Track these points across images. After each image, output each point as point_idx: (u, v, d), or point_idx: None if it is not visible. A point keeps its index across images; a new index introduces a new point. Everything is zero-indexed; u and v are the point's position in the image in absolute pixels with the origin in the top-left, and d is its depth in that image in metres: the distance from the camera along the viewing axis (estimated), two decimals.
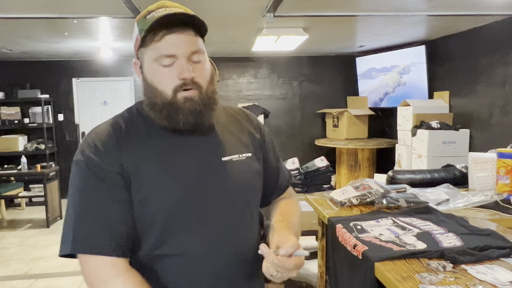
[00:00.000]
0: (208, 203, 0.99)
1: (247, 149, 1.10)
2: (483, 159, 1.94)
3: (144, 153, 0.98)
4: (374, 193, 1.76)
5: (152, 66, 0.97)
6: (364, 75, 6.48)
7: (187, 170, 0.99)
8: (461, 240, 1.26)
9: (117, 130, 1.00)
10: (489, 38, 4.29)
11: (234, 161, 1.05)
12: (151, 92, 0.99)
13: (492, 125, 4.33)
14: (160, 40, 0.95)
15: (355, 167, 6.05)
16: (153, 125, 1.02)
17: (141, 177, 0.96)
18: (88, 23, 3.97)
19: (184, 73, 0.96)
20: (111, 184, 0.95)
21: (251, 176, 1.08)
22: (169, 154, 0.99)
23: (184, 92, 0.97)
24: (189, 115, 0.97)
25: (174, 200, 0.96)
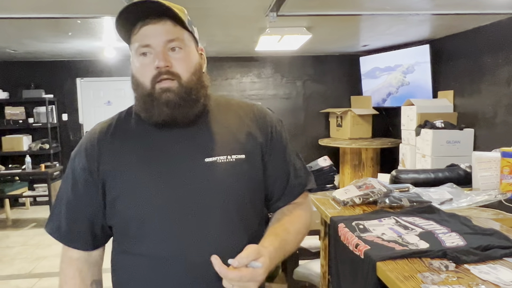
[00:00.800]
0: (182, 206, 0.94)
1: (241, 151, 1.00)
2: (487, 159, 1.92)
3: (124, 153, 0.99)
4: (377, 193, 1.75)
5: (134, 58, 0.99)
6: (367, 74, 6.46)
7: (164, 170, 0.96)
8: (464, 240, 1.25)
9: (104, 130, 1.04)
10: (494, 37, 4.27)
11: (219, 163, 0.97)
12: (135, 84, 1.00)
13: (497, 125, 4.30)
14: (137, 33, 0.96)
15: (359, 167, 6.03)
16: (140, 121, 1.02)
17: (116, 178, 0.98)
18: (91, 23, 3.98)
19: (158, 62, 0.94)
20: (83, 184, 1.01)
21: (238, 180, 0.98)
22: (148, 153, 0.98)
23: (161, 82, 0.95)
24: (164, 106, 0.94)
25: (146, 201, 0.95)
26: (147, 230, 0.95)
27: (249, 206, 1.01)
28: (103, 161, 0.99)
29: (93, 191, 1.00)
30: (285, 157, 1.08)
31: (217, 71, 6.59)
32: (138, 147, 0.99)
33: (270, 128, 1.07)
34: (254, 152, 1.02)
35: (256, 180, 1.03)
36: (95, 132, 1.04)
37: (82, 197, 1.01)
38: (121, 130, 1.03)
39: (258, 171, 1.03)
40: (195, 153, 0.97)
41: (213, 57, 6.43)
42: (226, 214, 0.97)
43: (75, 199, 1.02)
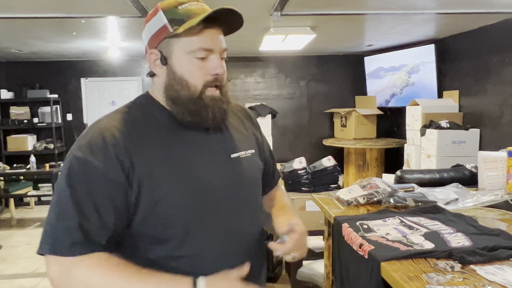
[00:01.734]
0: (221, 202, 0.99)
1: (251, 146, 1.12)
2: (493, 158, 1.90)
3: (156, 154, 0.94)
4: (381, 192, 1.73)
5: (184, 58, 0.95)
6: (372, 74, 6.43)
7: (199, 169, 0.97)
8: (470, 240, 1.23)
9: (125, 128, 0.94)
10: (500, 36, 4.23)
11: (242, 158, 1.05)
12: (180, 85, 0.96)
13: (503, 125, 4.26)
14: (200, 33, 0.94)
15: (363, 167, 6.00)
16: (166, 120, 0.99)
17: (155, 180, 0.91)
18: (96, 22, 3.99)
19: (218, 69, 0.96)
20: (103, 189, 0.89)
21: (256, 171, 1.11)
22: (181, 153, 0.97)
23: (212, 89, 0.97)
24: (217, 113, 0.98)
25: (188, 202, 0.94)
26: (192, 230, 0.95)
27: (260, 191, 1.15)
28: (135, 162, 0.91)
29: (119, 197, 0.89)
30: (269, 150, 1.26)
31: None
32: (170, 147, 0.96)
33: (258, 126, 1.23)
34: (258, 148, 1.15)
35: (262, 169, 1.15)
36: (111, 129, 0.93)
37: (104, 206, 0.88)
38: (145, 129, 0.97)
39: (262, 163, 1.16)
40: (222, 151, 1.03)
41: None
42: (255, 201, 1.09)
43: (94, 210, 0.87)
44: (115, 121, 0.97)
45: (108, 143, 0.91)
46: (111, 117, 0.99)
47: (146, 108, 1.01)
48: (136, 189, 0.90)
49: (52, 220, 0.88)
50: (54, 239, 0.86)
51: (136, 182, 0.90)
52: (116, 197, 0.89)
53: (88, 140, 0.92)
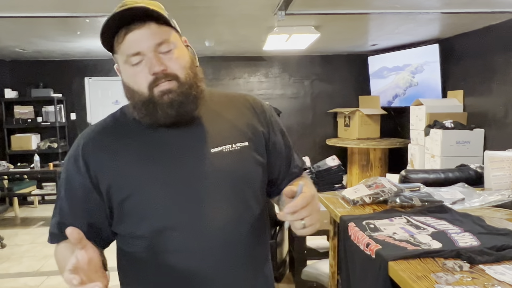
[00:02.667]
0: (194, 196, 0.96)
1: (244, 138, 1.03)
2: (500, 158, 1.89)
3: (126, 153, 0.98)
4: (387, 192, 1.72)
5: (125, 68, 0.96)
6: (375, 74, 6.42)
7: (171, 165, 0.97)
8: (478, 240, 1.22)
9: (101, 132, 1.02)
10: (505, 35, 4.21)
11: (225, 152, 0.99)
12: (130, 93, 0.97)
13: (507, 125, 4.24)
14: (123, 41, 0.93)
15: (367, 167, 5.99)
16: (137, 125, 1.00)
17: (122, 179, 0.96)
18: (100, 22, 3.99)
19: (153, 68, 0.92)
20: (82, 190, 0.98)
21: (246, 166, 1.02)
22: (151, 152, 0.98)
23: (160, 86, 0.93)
24: (168, 108, 0.94)
25: (158, 198, 0.95)
26: (164, 226, 0.96)
27: (254, 186, 1.04)
28: (105, 165, 0.97)
29: (94, 197, 0.98)
30: (285, 142, 1.14)
31: (224, 70, 6.58)
32: (141, 146, 0.99)
33: (269, 118, 1.11)
34: (256, 140, 1.05)
35: (261, 164, 1.06)
36: (90, 134, 1.02)
37: (81, 203, 0.99)
38: (121, 131, 1.01)
39: (263, 156, 1.06)
40: (200, 146, 0.99)
41: (220, 56, 6.42)
42: (239, 194, 1.00)
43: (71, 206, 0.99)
44: (93, 131, 1.04)
45: (80, 151, 1.00)
46: (94, 125, 1.06)
47: (122, 115, 1.05)
48: (105, 191, 0.97)
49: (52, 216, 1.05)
50: (49, 230, 1.04)
51: (105, 185, 0.97)
52: (87, 200, 0.98)
53: (70, 153, 1.03)
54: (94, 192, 0.97)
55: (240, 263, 1.00)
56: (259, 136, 1.06)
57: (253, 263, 1.04)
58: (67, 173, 1.00)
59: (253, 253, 1.04)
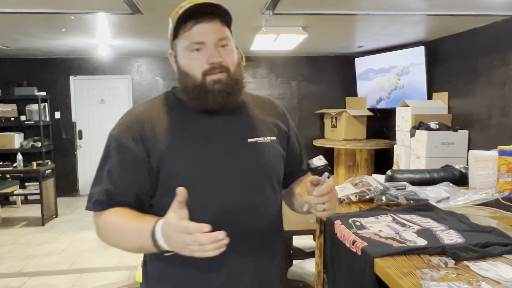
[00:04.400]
0: (232, 182, 1.07)
1: (272, 134, 1.17)
2: (484, 157, 1.91)
3: (175, 135, 1.08)
4: (373, 190, 1.73)
5: (184, 53, 1.08)
6: (361, 76, 6.46)
7: (214, 150, 1.08)
8: (463, 237, 1.23)
9: (151, 113, 1.11)
10: (489, 38, 4.28)
11: (259, 143, 1.13)
12: (184, 77, 1.09)
13: (491, 126, 4.31)
14: (190, 30, 1.06)
15: (353, 168, 6.02)
16: (186, 107, 1.11)
17: (170, 156, 1.05)
18: (85, 19, 3.94)
19: (212, 58, 1.05)
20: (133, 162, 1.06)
21: (274, 158, 1.16)
22: (197, 135, 1.09)
23: (213, 75, 1.06)
24: (218, 96, 1.06)
25: (200, 177, 1.06)
26: (204, 203, 1.05)
27: (279, 177, 1.20)
28: (157, 142, 1.06)
29: (145, 168, 1.05)
30: (298, 143, 1.30)
31: None
32: (188, 130, 1.09)
33: (289, 121, 1.28)
34: (281, 136, 1.20)
35: (283, 157, 1.20)
36: (145, 108, 1.12)
37: (132, 173, 1.06)
38: (172, 110, 1.12)
39: (285, 151, 1.21)
40: (238, 135, 1.12)
41: None
42: (268, 185, 1.14)
43: (123, 174, 1.05)
44: (144, 107, 1.14)
45: (135, 125, 1.08)
46: (142, 105, 1.16)
47: (170, 99, 1.16)
48: (156, 165, 1.05)
49: (93, 184, 1.10)
50: (90, 198, 1.08)
51: (156, 159, 1.05)
52: (139, 171, 1.06)
53: (121, 122, 1.11)
54: (146, 163, 1.05)
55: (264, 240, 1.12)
56: (283, 133, 1.21)
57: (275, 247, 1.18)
58: (118, 142, 1.07)
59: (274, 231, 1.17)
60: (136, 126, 1.07)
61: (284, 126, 1.23)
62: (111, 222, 1.04)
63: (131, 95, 6.72)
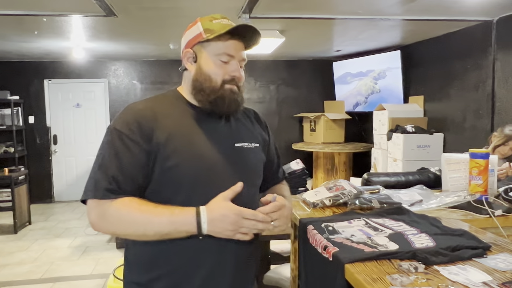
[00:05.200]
0: (220, 178, 1.19)
1: (256, 141, 1.31)
2: (456, 160, 1.92)
3: (175, 130, 1.17)
4: (347, 194, 1.72)
5: (211, 58, 1.20)
6: (339, 80, 6.51)
7: (206, 149, 1.19)
8: (434, 241, 1.22)
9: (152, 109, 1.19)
10: (463, 43, 4.36)
11: (245, 148, 1.27)
12: (204, 78, 1.20)
13: (465, 129, 4.38)
14: (226, 41, 1.19)
15: (332, 171, 6.05)
16: (187, 107, 1.24)
17: (170, 149, 1.14)
18: (58, 21, 3.85)
19: (236, 72, 1.21)
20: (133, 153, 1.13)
21: (257, 162, 1.31)
22: (193, 134, 1.20)
23: (231, 85, 1.21)
24: (232, 103, 1.22)
25: (192, 174, 1.16)
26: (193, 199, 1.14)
27: (260, 180, 1.34)
28: (156, 135, 1.14)
29: (145, 159, 1.13)
30: (277, 152, 1.46)
31: None
32: (187, 127, 1.20)
33: (269, 130, 1.43)
34: (262, 144, 1.35)
35: (263, 163, 1.35)
36: (147, 104, 1.21)
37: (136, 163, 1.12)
38: (173, 108, 1.22)
39: (264, 158, 1.36)
40: (228, 139, 1.25)
41: None
42: (251, 182, 1.26)
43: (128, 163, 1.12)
44: (144, 103, 1.23)
45: (137, 118, 1.16)
46: (142, 101, 1.24)
47: (172, 97, 1.26)
48: (154, 155, 1.14)
49: (95, 173, 1.13)
50: (95, 187, 1.11)
51: (155, 150, 1.14)
52: (142, 159, 1.13)
53: (122, 116, 1.18)
54: (147, 155, 1.13)
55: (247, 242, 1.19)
56: (265, 141, 1.37)
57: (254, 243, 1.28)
58: (122, 133, 1.13)
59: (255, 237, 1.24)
60: (139, 118, 1.15)
61: (266, 136, 1.38)
62: (132, 209, 1.10)
63: (107, 99, 6.61)
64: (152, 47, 5.43)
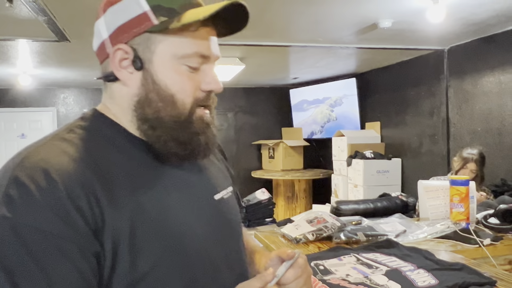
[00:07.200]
0: (214, 260, 0.72)
1: (229, 182, 0.86)
2: (435, 187, 1.90)
3: (131, 201, 0.63)
4: (330, 227, 1.63)
5: (171, 63, 0.67)
6: (296, 107, 6.55)
7: (186, 221, 0.70)
8: (435, 277, 1.15)
9: (83, 160, 0.62)
10: (416, 71, 4.51)
11: (225, 198, 0.80)
12: (163, 100, 0.67)
13: (422, 154, 4.48)
14: (195, 32, 0.67)
15: (292, 199, 5.98)
16: (135, 151, 0.69)
17: (136, 242, 0.62)
18: (4, 46, 3.58)
19: (213, 84, 0.70)
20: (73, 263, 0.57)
21: (238, 213, 0.86)
22: (162, 200, 0.67)
23: (202, 110, 0.71)
24: (209, 142, 0.72)
25: (182, 269, 0.66)
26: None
27: None
28: (106, 214, 0.60)
29: (92, 271, 0.58)
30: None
31: None
32: (148, 189, 0.67)
33: (227, 160, 0.96)
34: (233, 183, 0.89)
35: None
36: (64, 163, 0.60)
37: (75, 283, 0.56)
38: (110, 161, 0.65)
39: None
40: (204, 191, 0.77)
41: None
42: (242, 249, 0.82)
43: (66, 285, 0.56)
44: (65, 149, 0.63)
45: (60, 185, 0.58)
46: (53, 144, 0.64)
47: (105, 133, 0.69)
48: (109, 257, 0.60)
49: None
50: None
51: (110, 245, 0.59)
52: (86, 271, 0.58)
53: (21, 186, 0.57)
54: (97, 261, 0.59)
55: None
56: (232, 178, 0.91)
57: None
58: (38, 233, 0.55)
59: None
60: (59, 184, 0.58)
61: (230, 169, 0.94)
62: None
63: (56, 128, 6.22)
64: None
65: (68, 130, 0.68)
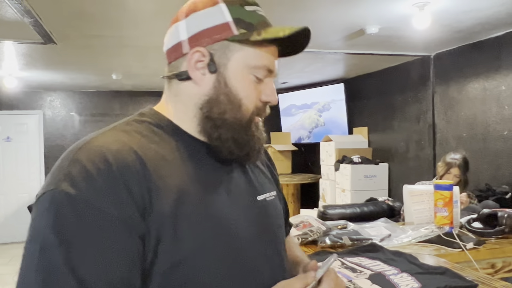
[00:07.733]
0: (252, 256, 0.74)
1: (273, 188, 0.89)
2: (419, 192, 1.92)
3: (184, 189, 0.68)
4: (315, 232, 1.63)
5: (243, 72, 0.74)
6: (284, 112, 6.57)
7: (229, 217, 0.73)
8: (418, 281, 1.16)
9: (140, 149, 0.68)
10: (403, 77, 4.56)
11: (268, 200, 0.84)
12: (231, 103, 0.74)
13: (409, 159, 4.52)
14: (267, 48, 0.76)
15: None
16: (190, 147, 0.75)
17: (182, 225, 0.65)
18: None
19: (272, 96, 0.78)
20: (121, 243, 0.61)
21: (281, 216, 0.89)
22: (211, 193, 0.72)
23: (257, 118, 0.78)
24: (260, 149, 0.80)
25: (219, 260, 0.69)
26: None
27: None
28: (156, 199, 0.65)
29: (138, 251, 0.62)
30: (283, 196, 1.00)
31: (132, 106, 6.25)
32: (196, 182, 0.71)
33: (274, 164, 1.01)
34: (278, 189, 0.94)
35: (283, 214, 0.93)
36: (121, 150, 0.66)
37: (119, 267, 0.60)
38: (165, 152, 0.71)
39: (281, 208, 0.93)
40: (248, 191, 0.81)
41: (128, 91, 6.12)
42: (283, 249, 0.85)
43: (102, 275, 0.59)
44: (112, 136, 0.69)
45: (114, 167, 0.63)
46: (103, 134, 0.69)
47: (162, 128, 0.75)
48: (154, 240, 0.63)
49: None
50: None
51: (155, 229, 0.63)
52: (134, 251, 0.62)
53: (82, 166, 0.62)
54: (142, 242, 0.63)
55: None
56: (277, 182, 0.95)
57: None
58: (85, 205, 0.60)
59: None
60: (115, 168, 0.63)
61: (277, 177, 0.97)
62: None
63: (42, 132, 6.16)
64: (93, 77, 5.17)
65: (126, 123, 0.74)
